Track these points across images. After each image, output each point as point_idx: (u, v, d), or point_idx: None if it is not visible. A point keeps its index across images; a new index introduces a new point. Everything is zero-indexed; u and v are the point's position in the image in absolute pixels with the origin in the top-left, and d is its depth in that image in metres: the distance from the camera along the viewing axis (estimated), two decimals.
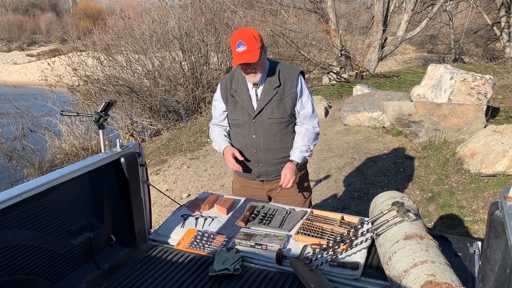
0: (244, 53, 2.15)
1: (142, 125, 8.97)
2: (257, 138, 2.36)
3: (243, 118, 2.37)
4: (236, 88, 2.38)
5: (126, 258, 2.04)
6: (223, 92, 2.43)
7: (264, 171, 2.44)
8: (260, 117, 2.33)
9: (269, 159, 2.40)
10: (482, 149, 4.48)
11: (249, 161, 2.43)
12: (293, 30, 11.75)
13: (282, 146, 2.39)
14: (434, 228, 3.74)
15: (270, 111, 2.32)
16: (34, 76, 17.34)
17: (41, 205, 1.70)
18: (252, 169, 2.45)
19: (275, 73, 2.32)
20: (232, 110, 2.42)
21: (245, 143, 2.40)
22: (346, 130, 6.58)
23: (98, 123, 2.08)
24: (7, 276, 1.57)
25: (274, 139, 2.36)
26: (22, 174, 7.13)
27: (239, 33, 2.19)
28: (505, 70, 8.40)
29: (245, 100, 2.35)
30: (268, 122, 2.33)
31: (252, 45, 2.15)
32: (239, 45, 2.15)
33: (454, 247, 1.93)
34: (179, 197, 4.93)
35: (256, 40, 2.17)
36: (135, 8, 17.61)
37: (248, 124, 2.36)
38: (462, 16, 16.93)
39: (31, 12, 38.07)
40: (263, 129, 2.34)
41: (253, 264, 1.92)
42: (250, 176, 2.49)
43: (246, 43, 2.15)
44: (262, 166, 2.42)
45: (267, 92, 2.31)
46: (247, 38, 2.16)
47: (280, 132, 2.36)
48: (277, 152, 2.39)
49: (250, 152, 2.41)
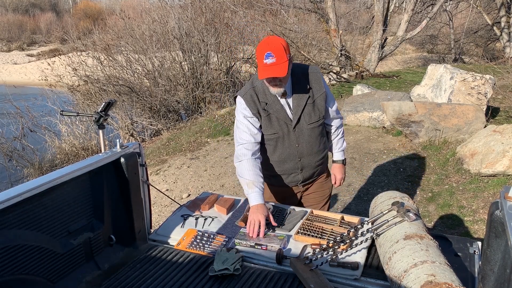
0: (272, 65, 1.98)
1: (142, 125, 8.98)
2: (301, 147, 2.31)
3: (281, 130, 2.24)
4: (266, 100, 2.20)
5: (126, 258, 2.04)
6: (253, 107, 2.20)
7: (308, 175, 2.41)
8: (300, 126, 2.26)
9: (312, 163, 2.38)
10: (482, 149, 4.48)
11: (292, 171, 2.38)
12: (293, 30, 11.76)
13: (322, 148, 2.39)
14: (434, 228, 3.74)
15: (308, 117, 2.25)
16: (34, 76, 17.35)
17: (41, 205, 1.70)
18: (295, 176, 2.40)
19: (300, 76, 2.21)
20: (267, 124, 2.24)
21: (289, 153, 2.32)
22: (346, 130, 6.59)
23: (98, 123, 2.08)
24: (7, 276, 1.57)
25: (316, 142, 2.33)
26: (22, 174, 7.13)
27: (268, 43, 2.01)
28: (505, 70, 8.40)
29: (279, 111, 2.21)
30: (309, 128, 2.27)
31: (281, 57, 1.98)
32: (268, 57, 1.97)
33: (454, 247, 1.93)
34: (179, 197, 4.93)
35: (286, 51, 2.01)
36: (135, 8, 17.61)
37: (288, 135, 2.27)
38: (462, 16, 16.93)
39: (31, 12, 38.07)
40: (305, 136, 2.29)
41: (253, 264, 1.92)
42: (293, 184, 2.44)
43: (275, 55, 1.97)
44: (306, 171, 2.39)
45: (299, 98, 2.22)
46: (276, 49, 1.98)
47: (319, 134, 2.34)
48: (319, 154, 2.38)
49: (294, 161, 2.34)
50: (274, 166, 2.37)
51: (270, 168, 2.38)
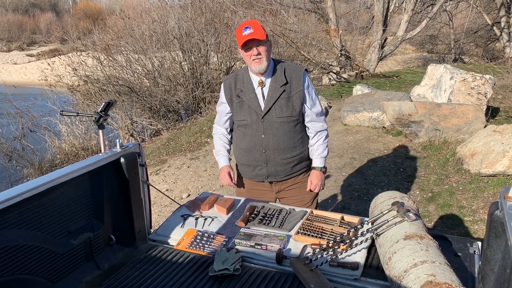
0: (250, 34, 2.17)
1: (142, 125, 8.97)
2: (266, 138, 2.33)
3: (250, 118, 2.33)
4: (242, 88, 2.34)
5: (126, 258, 2.04)
6: (227, 92, 2.39)
7: (273, 171, 2.41)
8: (269, 116, 2.30)
9: (278, 159, 2.37)
10: (482, 149, 4.48)
11: (257, 163, 2.40)
12: (293, 30, 11.74)
13: (292, 146, 2.36)
14: (434, 228, 3.74)
15: (279, 110, 2.29)
16: (34, 76, 17.35)
17: (41, 205, 1.70)
18: (261, 170, 2.42)
19: (281, 71, 2.31)
20: (238, 111, 2.37)
21: (254, 143, 2.36)
22: (346, 130, 6.58)
23: (98, 123, 2.08)
24: (7, 276, 1.57)
25: (284, 138, 2.33)
26: (22, 174, 7.13)
27: (245, 22, 2.24)
28: (505, 70, 8.40)
29: (252, 99, 2.32)
30: (278, 121, 2.30)
31: (259, 29, 2.19)
32: (246, 29, 2.18)
33: (454, 247, 1.93)
34: (179, 197, 4.93)
35: (263, 29, 2.22)
36: (135, 8, 17.61)
37: (256, 124, 2.33)
38: (462, 16, 16.93)
39: (31, 12, 38.08)
40: (273, 128, 2.31)
41: (253, 264, 1.92)
42: (258, 178, 2.46)
43: (253, 27, 2.18)
44: (271, 166, 2.39)
45: (274, 90, 2.28)
46: (254, 24, 2.20)
47: (289, 131, 2.33)
48: (286, 151, 2.36)
49: (259, 152, 2.37)
50: (242, 155, 2.44)
51: (240, 156, 2.47)
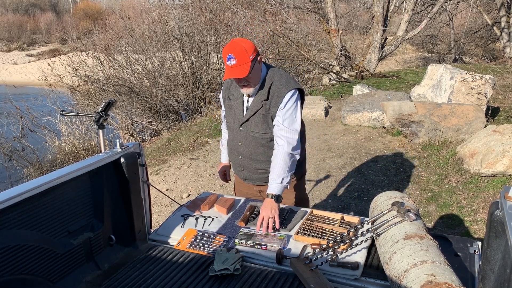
0: (233, 67, 2.07)
1: (142, 125, 8.97)
2: (242, 146, 2.35)
3: (233, 123, 2.37)
4: (234, 92, 2.35)
5: (126, 258, 2.04)
6: (224, 91, 2.44)
7: (249, 176, 2.45)
8: (246, 127, 2.30)
9: (253, 168, 2.39)
10: (482, 149, 4.48)
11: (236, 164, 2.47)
12: (293, 30, 11.74)
13: (265, 159, 2.32)
14: (434, 228, 3.74)
15: (254, 124, 2.27)
16: (34, 76, 17.34)
17: (41, 205, 1.70)
18: (239, 171, 2.48)
19: (267, 85, 2.21)
20: (227, 112, 2.44)
21: (233, 147, 2.42)
22: (346, 130, 6.58)
23: (98, 123, 2.08)
24: (7, 276, 1.57)
25: (257, 151, 2.32)
26: (22, 174, 7.12)
27: (230, 46, 2.10)
28: (505, 70, 8.40)
29: (238, 105, 2.33)
30: (251, 135, 2.30)
31: (242, 59, 2.06)
32: (229, 59, 2.07)
33: (454, 247, 1.93)
34: (179, 197, 4.93)
35: (247, 52, 2.07)
36: (135, 8, 17.59)
37: (236, 130, 2.36)
38: (462, 16, 16.93)
39: (31, 12, 38.07)
40: (247, 139, 2.31)
41: (253, 264, 1.92)
42: (240, 177, 2.53)
43: (236, 57, 2.05)
44: (247, 172, 2.43)
45: (255, 104, 2.25)
46: (237, 51, 2.06)
47: (263, 145, 2.30)
48: (260, 163, 2.35)
49: (236, 156, 2.43)
50: (229, 153, 2.52)
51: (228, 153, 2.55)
